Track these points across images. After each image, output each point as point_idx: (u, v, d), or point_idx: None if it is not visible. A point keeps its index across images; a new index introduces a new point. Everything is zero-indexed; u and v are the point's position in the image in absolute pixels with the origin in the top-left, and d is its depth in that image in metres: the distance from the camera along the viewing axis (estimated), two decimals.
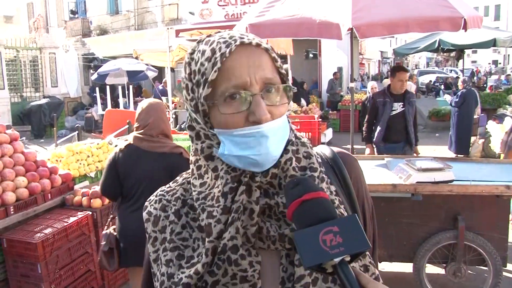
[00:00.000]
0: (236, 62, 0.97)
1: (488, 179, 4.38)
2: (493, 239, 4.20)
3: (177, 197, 1.13)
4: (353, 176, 1.20)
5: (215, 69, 0.96)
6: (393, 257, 4.49)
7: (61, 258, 4.25)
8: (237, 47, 0.97)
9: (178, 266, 1.03)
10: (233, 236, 0.97)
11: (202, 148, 1.05)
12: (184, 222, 1.08)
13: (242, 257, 0.97)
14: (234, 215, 0.98)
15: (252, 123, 0.96)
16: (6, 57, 18.20)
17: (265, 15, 5.29)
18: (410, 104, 6.21)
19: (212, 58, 0.98)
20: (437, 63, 57.88)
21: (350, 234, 0.83)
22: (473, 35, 11.50)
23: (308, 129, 11.08)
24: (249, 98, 0.96)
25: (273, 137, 0.98)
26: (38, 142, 14.44)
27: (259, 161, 0.97)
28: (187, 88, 1.05)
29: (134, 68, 16.68)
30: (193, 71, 1.02)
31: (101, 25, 26.74)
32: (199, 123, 1.04)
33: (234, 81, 0.96)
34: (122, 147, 3.57)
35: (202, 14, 20.96)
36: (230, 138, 0.98)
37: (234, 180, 1.00)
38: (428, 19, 4.83)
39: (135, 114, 3.66)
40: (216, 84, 0.97)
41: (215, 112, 0.99)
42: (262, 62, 0.99)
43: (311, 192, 0.89)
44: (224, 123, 0.98)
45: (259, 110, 0.95)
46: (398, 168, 4.51)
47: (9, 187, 4.22)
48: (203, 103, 0.99)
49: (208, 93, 0.98)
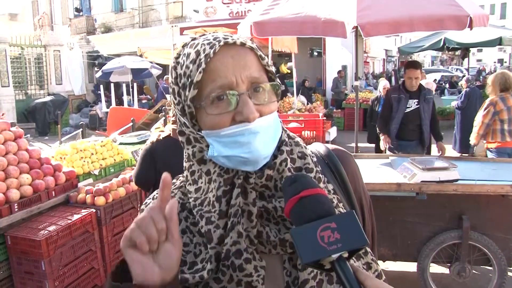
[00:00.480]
0: (220, 62, 0.96)
1: (493, 178, 4.35)
2: (498, 239, 4.18)
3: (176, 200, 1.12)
4: (349, 172, 1.20)
5: (199, 70, 0.95)
6: (397, 257, 4.48)
7: (64, 256, 4.25)
8: (221, 47, 0.97)
9: (180, 272, 1.01)
10: (236, 241, 0.96)
11: (194, 152, 1.04)
12: (184, 227, 1.07)
13: (246, 261, 0.96)
14: (234, 219, 0.97)
15: (239, 123, 0.96)
16: (11, 55, 18.25)
17: (270, 13, 5.28)
18: (426, 101, 5.92)
19: (197, 60, 0.97)
20: (442, 62, 57.64)
21: (348, 230, 0.83)
22: (478, 34, 11.47)
23: (312, 127, 11.05)
24: (235, 98, 0.95)
25: (263, 134, 0.97)
26: (43, 139, 14.44)
27: (249, 159, 0.96)
28: (173, 92, 1.04)
29: (139, 66, 16.72)
30: (179, 75, 1.02)
31: (106, 23, 26.76)
32: (188, 127, 1.03)
33: (220, 82, 0.95)
34: (159, 138, 3.57)
35: (207, 12, 20.99)
36: (217, 139, 0.98)
37: (227, 183, 0.99)
38: (433, 17, 4.81)
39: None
40: (202, 86, 0.97)
41: (201, 114, 0.99)
42: (248, 61, 0.98)
43: (309, 188, 0.89)
44: (211, 125, 0.98)
45: (246, 109, 0.95)
46: (402, 167, 4.49)
47: (13, 185, 4.22)
48: (189, 105, 0.99)
49: (194, 95, 0.97)
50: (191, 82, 0.97)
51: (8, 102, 17.59)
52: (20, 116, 18.05)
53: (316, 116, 11.92)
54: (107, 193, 4.84)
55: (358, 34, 5.17)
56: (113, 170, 5.63)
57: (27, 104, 18.75)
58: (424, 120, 5.91)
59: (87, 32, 26.80)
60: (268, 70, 1.04)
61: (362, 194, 1.23)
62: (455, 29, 4.89)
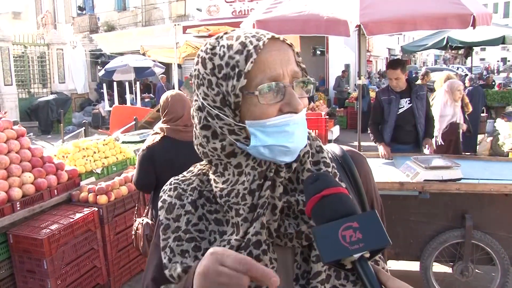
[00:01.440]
0: (269, 54, 0.99)
1: (496, 177, 4.34)
2: (501, 238, 4.17)
3: (194, 187, 1.14)
4: (362, 174, 1.22)
5: (251, 60, 0.97)
6: (400, 256, 4.47)
7: (67, 254, 4.26)
8: (268, 40, 1.00)
9: (194, 257, 1.02)
10: (258, 232, 0.98)
11: (224, 146, 1.04)
12: (201, 213, 1.09)
13: (264, 252, 0.97)
14: (260, 211, 0.98)
15: (286, 113, 0.99)
16: (14, 53, 18.27)
17: (273, 12, 5.27)
18: (418, 99, 5.54)
19: (244, 51, 0.99)
20: (445, 61, 57.52)
21: (370, 230, 0.83)
22: (481, 32, 11.43)
23: (315, 126, 11.04)
24: (282, 89, 0.98)
25: (302, 125, 1.02)
26: (45, 138, 14.47)
27: (291, 149, 0.99)
28: (209, 84, 1.03)
29: (141, 64, 16.72)
30: (218, 66, 1.02)
31: (109, 22, 26.75)
32: (221, 119, 1.02)
33: (269, 73, 0.98)
34: (154, 141, 3.58)
35: (210, 11, 20.98)
36: (262, 129, 0.99)
37: (261, 176, 1.01)
38: (437, 16, 4.79)
39: (163, 107, 3.70)
40: (251, 76, 0.98)
41: (248, 104, 1.00)
42: (289, 56, 1.02)
43: (331, 187, 0.89)
44: (259, 114, 0.99)
45: (294, 100, 0.98)
46: (405, 166, 4.48)
47: (16, 183, 4.23)
48: (238, 94, 0.99)
49: (244, 85, 0.98)
50: (239, 72, 0.98)
51: (11, 100, 17.62)
52: (23, 115, 18.08)
53: (319, 115, 11.92)
54: (109, 192, 4.85)
55: (361, 32, 5.14)
56: (115, 169, 5.64)
57: (30, 102, 18.76)
58: (419, 118, 5.56)
59: (90, 30, 26.80)
60: (301, 67, 1.06)
61: (374, 196, 1.26)
62: (458, 27, 4.86)
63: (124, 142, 6.94)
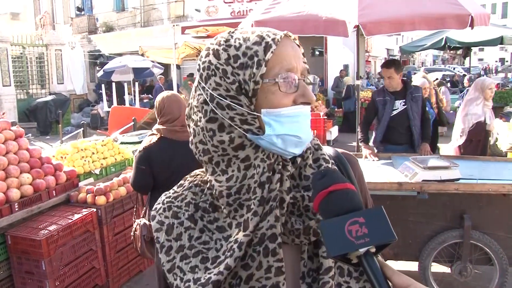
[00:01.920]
0: (284, 48, 1.03)
1: (494, 177, 4.34)
2: (500, 238, 4.17)
3: (188, 202, 1.11)
4: (357, 175, 1.23)
5: (271, 50, 1.00)
6: (398, 256, 4.46)
7: (65, 255, 4.25)
8: (284, 36, 1.05)
9: (204, 269, 1.01)
10: (272, 225, 0.98)
11: (232, 138, 1.02)
12: (201, 226, 1.07)
13: (279, 246, 0.98)
14: (272, 204, 0.99)
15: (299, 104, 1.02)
16: (13, 54, 18.25)
17: (271, 12, 5.27)
18: (413, 100, 5.40)
19: (262, 43, 1.02)
20: (444, 61, 57.57)
21: (376, 225, 0.84)
22: (480, 33, 11.44)
23: (313, 126, 11.03)
24: (297, 82, 1.02)
25: (309, 120, 1.06)
26: (44, 139, 14.45)
27: (303, 139, 1.02)
28: (224, 73, 1.02)
29: (140, 65, 16.72)
30: (234, 56, 1.02)
31: (107, 22, 26.77)
32: (233, 108, 1.01)
33: (286, 65, 1.01)
34: (150, 142, 3.63)
35: (208, 11, 21.00)
36: (277, 118, 1.00)
37: (270, 169, 1.01)
38: (435, 16, 4.80)
39: (158, 109, 3.72)
40: (269, 66, 1.01)
41: (265, 92, 1.01)
42: (300, 54, 1.07)
43: (339, 183, 0.90)
44: (276, 102, 1.01)
45: (308, 91, 1.04)
46: (404, 166, 4.48)
47: (14, 184, 4.22)
48: (257, 81, 1.00)
49: (264, 72, 1.00)
50: (258, 60, 1.00)
51: (10, 101, 17.60)
52: (22, 116, 18.05)
53: (317, 115, 11.91)
54: (108, 193, 4.84)
55: (360, 33, 5.15)
56: (114, 170, 5.63)
57: (29, 103, 18.73)
58: (413, 120, 5.40)
59: (89, 31, 26.81)
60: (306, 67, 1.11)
61: (367, 198, 1.27)
62: (457, 28, 4.86)
63: (123, 142, 6.94)
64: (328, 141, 12.26)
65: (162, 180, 3.57)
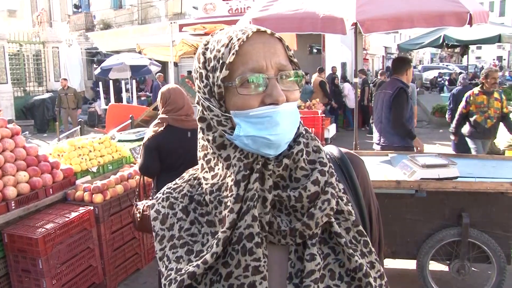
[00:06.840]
0: (252, 47, 1.01)
1: (493, 176, 4.34)
2: (498, 237, 4.17)
3: (184, 194, 1.15)
4: (360, 177, 1.22)
5: (232, 52, 0.99)
6: (396, 254, 4.47)
7: (62, 254, 4.24)
8: (253, 34, 1.02)
9: (188, 260, 1.03)
10: (250, 224, 0.97)
11: (214, 137, 1.07)
12: (193, 218, 1.10)
13: (257, 245, 0.97)
14: (250, 203, 0.98)
15: (268, 105, 1.00)
16: (10, 51, 18.22)
17: (269, 10, 5.25)
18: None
19: (229, 44, 1.02)
20: (441, 59, 57.61)
21: None
22: (478, 31, 11.41)
23: (311, 124, 11.03)
24: (265, 81, 1.00)
25: (287, 119, 1.01)
26: (41, 136, 14.44)
27: (274, 141, 0.99)
28: (200, 77, 1.08)
29: (138, 62, 16.72)
30: (208, 59, 1.06)
31: (105, 20, 26.69)
32: (211, 110, 1.05)
33: (251, 65, 0.99)
34: (159, 129, 3.98)
35: (206, 9, 20.97)
36: (246, 119, 1.00)
37: (247, 168, 1.02)
38: (433, 13, 4.78)
39: (163, 99, 4.06)
40: (234, 68, 1.00)
41: (231, 94, 1.02)
42: (277, 49, 1.04)
43: None
44: (241, 104, 1.00)
45: (276, 91, 0.99)
46: (402, 164, 4.48)
47: (10, 182, 4.20)
48: (220, 85, 1.01)
49: (225, 75, 1.00)
50: (222, 63, 1.01)
51: (7, 99, 17.56)
52: (19, 113, 18.03)
53: (315, 113, 11.91)
54: (105, 191, 4.83)
55: (358, 30, 5.13)
56: (111, 167, 5.61)
57: (26, 101, 18.71)
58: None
59: (86, 28, 26.75)
60: (292, 61, 1.08)
61: (371, 199, 1.25)
62: (455, 25, 4.85)
63: (120, 140, 6.91)
64: (325, 139, 12.25)
65: (168, 164, 3.93)
